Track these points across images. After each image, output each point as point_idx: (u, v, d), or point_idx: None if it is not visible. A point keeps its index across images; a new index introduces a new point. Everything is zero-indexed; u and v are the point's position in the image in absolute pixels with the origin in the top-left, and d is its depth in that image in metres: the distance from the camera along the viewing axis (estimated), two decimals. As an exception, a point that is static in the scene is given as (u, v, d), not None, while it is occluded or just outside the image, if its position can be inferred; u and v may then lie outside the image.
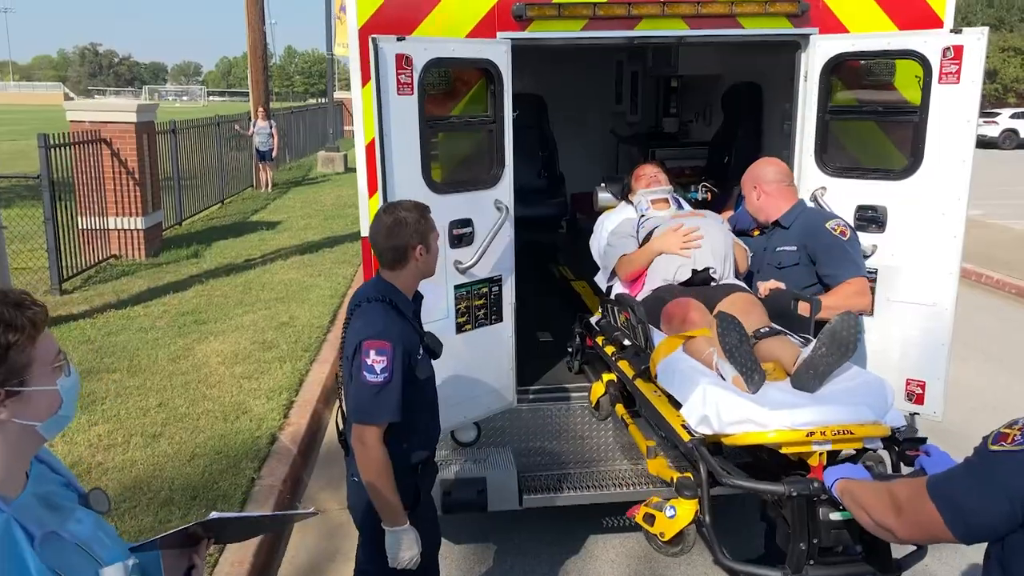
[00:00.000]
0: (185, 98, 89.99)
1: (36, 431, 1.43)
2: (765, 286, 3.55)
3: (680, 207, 4.24)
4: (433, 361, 2.84)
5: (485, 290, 3.75)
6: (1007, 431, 1.63)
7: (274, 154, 17.98)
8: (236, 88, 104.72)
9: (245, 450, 5.07)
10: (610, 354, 3.83)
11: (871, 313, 3.80)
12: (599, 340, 4.10)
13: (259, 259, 10.67)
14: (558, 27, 3.68)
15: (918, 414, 3.93)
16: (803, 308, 3.26)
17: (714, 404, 2.63)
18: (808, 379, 2.75)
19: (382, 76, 3.22)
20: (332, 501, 4.83)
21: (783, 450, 2.60)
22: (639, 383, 3.40)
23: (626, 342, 3.66)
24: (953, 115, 3.49)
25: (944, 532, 1.70)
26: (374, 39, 3.19)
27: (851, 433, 2.61)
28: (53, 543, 1.39)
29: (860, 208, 3.80)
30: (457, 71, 3.77)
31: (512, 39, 3.63)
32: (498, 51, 3.58)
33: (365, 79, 3.55)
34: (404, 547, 2.62)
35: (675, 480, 2.91)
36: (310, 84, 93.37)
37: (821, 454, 2.57)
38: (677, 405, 2.99)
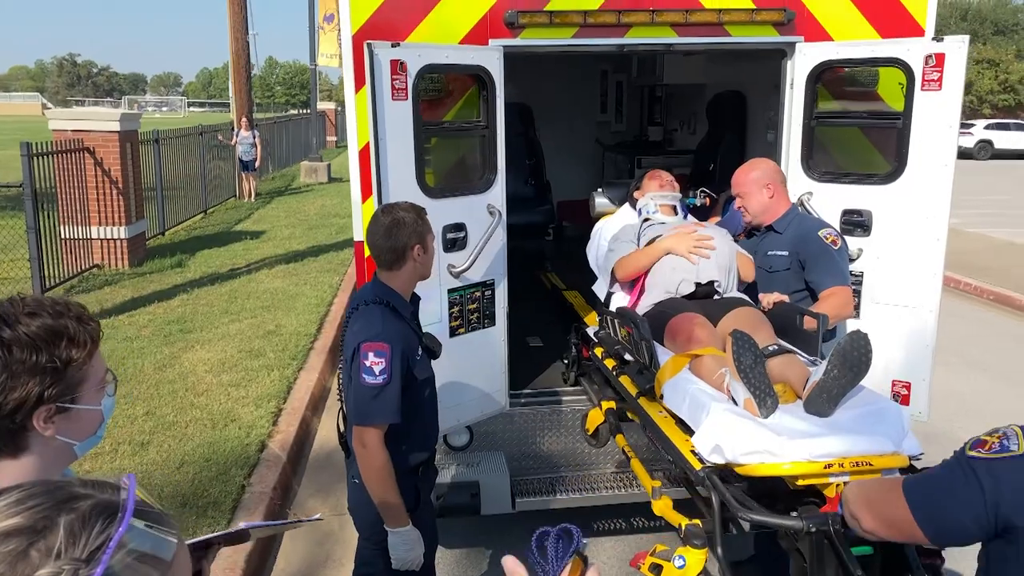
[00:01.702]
0: (165, 108, 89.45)
1: (72, 450, 1.39)
2: (768, 299, 3.47)
3: (685, 217, 4.16)
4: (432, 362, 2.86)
5: (478, 294, 3.78)
6: (987, 438, 1.64)
7: (257, 164, 17.92)
8: (217, 99, 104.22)
9: (234, 458, 5.05)
10: (610, 368, 3.70)
11: (857, 316, 3.87)
12: (598, 352, 3.98)
13: (244, 268, 10.63)
14: (549, 34, 3.73)
15: (904, 415, 4.00)
16: (808, 323, 3.18)
17: (727, 433, 2.51)
18: (821, 403, 2.65)
19: (377, 81, 3.25)
20: (322, 508, 4.82)
21: (799, 482, 2.51)
22: (643, 402, 3.23)
23: (628, 356, 3.52)
24: (936, 121, 3.57)
25: (914, 530, 1.74)
26: (369, 45, 3.23)
27: (870, 464, 2.51)
28: None
29: (846, 212, 3.87)
30: (450, 77, 3.81)
31: (504, 46, 3.67)
32: (491, 58, 3.63)
33: (359, 85, 3.58)
34: (408, 548, 2.63)
35: (683, 528, 2.70)
36: (291, 95, 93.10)
37: (838, 485, 2.47)
38: (685, 427, 2.88)
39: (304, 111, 36.86)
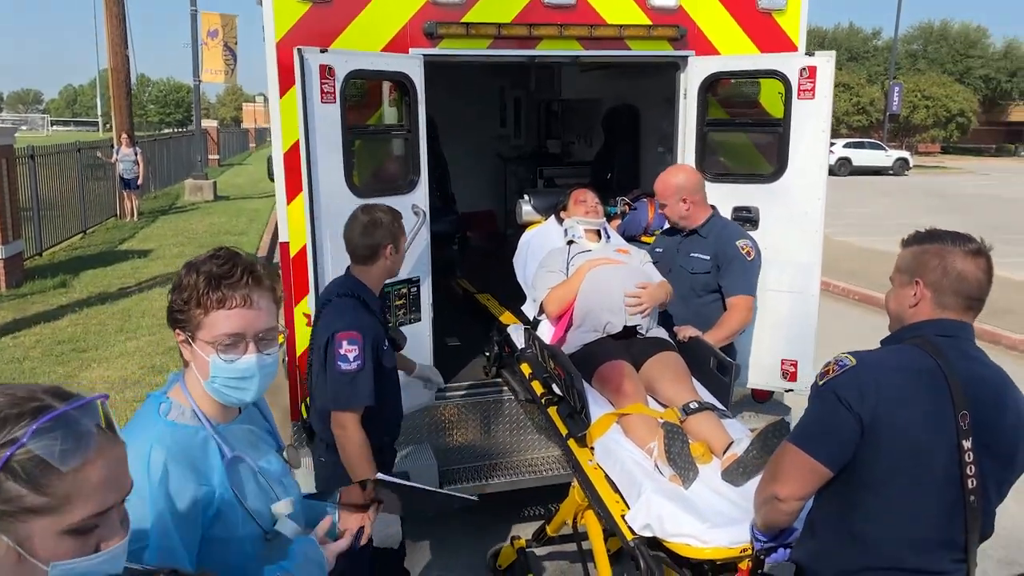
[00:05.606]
0: (24, 127, 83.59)
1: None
2: (684, 332, 3.74)
3: (608, 239, 4.21)
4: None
5: (405, 290, 3.94)
6: (826, 368, 2.02)
7: (139, 182, 17.24)
8: (83, 117, 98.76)
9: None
10: (539, 394, 3.78)
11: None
12: (524, 369, 4.07)
13: (135, 287, 10.27)
14: (466, 45, 3.97)
15: (792, 390, 4.43)
16: (723, 368, 3.47)
17: (657, 515, 2.73)
18: (737, 475, 2.93)
19: (307, 85, 3.39)
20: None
21: (718, 561, 2.75)
22: (574, 447, 3.32)
23: (556, 389, 3.60)
24: (810, 126, 4.03)
25: (820, 469, 2.00)
26: (299, 50, 3.36)
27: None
28: (237, 466, 1.65)
29: (736, 209, 4.28)
30: (373, 83, 3.98)
31: (424, 55, 3.88)
32: (413, 65, 3.82)
33: (284, 89, 3.71)
34: (386, 523, 2.74)
35: None
36: (165, 114, 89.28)
37: (749, 560, 2.72)
38: (614, 483, 3.05)
39: (180, 130, 35.57)
